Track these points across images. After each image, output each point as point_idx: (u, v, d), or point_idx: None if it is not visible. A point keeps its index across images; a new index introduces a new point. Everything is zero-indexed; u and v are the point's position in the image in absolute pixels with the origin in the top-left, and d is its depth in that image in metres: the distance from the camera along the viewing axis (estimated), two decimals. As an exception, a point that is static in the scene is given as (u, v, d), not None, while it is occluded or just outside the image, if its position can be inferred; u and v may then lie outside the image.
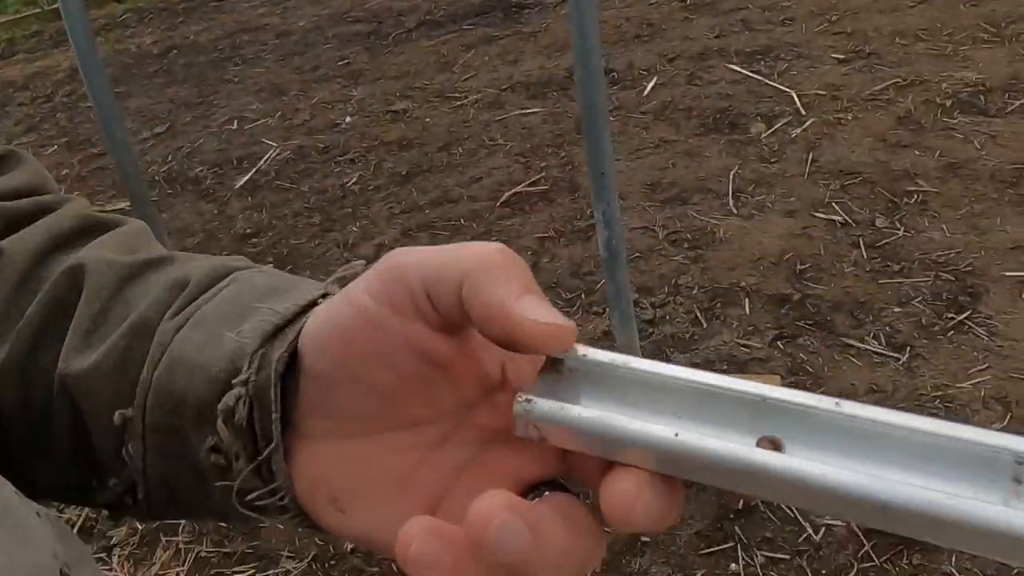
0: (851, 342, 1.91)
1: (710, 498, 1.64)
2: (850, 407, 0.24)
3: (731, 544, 1.55)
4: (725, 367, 1.93)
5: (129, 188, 2.09)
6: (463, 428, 0.29)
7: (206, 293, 0.34)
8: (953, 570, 1.39)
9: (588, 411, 0.25)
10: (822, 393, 0.26)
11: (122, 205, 3.08)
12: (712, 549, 1.55)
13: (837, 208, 2.38)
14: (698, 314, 2.14)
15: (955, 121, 2.59)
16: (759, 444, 0.24)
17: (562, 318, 0.25)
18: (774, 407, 0.24)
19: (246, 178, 3.32)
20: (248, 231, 3.00)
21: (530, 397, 0.25)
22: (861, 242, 2.22)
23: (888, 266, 2.11)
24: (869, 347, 1.88)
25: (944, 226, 2.19)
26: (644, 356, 0.29)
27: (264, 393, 0.29)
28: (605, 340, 2.16)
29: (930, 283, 2.01)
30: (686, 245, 2.44)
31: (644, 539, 1.61)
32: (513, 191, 3.04)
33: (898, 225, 2.25)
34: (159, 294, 0.34)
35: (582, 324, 2.25)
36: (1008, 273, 1.96)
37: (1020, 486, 0.22)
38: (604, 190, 1.50)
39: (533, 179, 3.09)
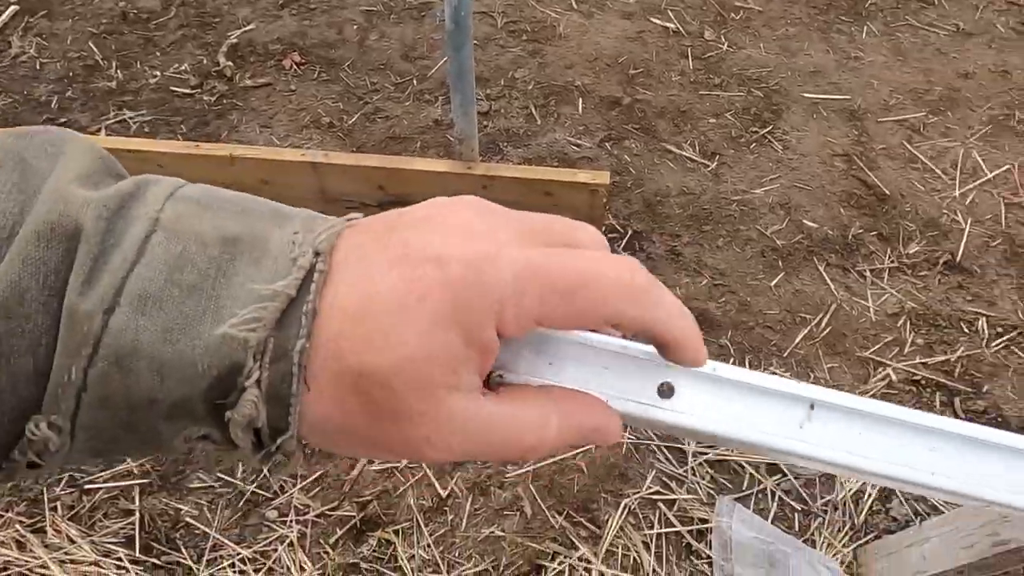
0: (670, 148, 2.02)
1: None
2: (723, 369, 0.31)
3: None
4: (556, 163, 1.95)
5: None
6: None
7: (120, 249, 0.25)
8: (727, 342, 1.65)
9: (538, 380, 0.31)
10: (642, 192, 0.33)
11: None
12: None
13: (672, 16, 2.39)
14: (533, 110, 2.11)
15: (786, -59, 2.65)
16: (659, 390, 0.31)
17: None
18: (666, 365, 0.31)
19: None
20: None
21: (501, 373, 0.30)
22: (690, 53, 2.28)
23: (710, 78, 2.21)
24: (685, 153, 2.01)
25: (761, 45, 2.31)
26: (479, 150, 0.40)
27: (282, 389, 0.26)
28: (436, 128, 2.07)
29: (743, 98, 2.15)
30: (525, 37, 2.33)
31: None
32: (335, -49, 2.62)
33: (723, 40, 2.33)
34: (31, 252, 0.24)
35: (413, 112, 2.12)
36: (806, 94, 2.15)
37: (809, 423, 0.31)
38: (457, -54, 1.32)
39: (359, -60, 2.68)
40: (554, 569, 1.32)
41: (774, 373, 1.57)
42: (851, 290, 1.73)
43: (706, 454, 1.46)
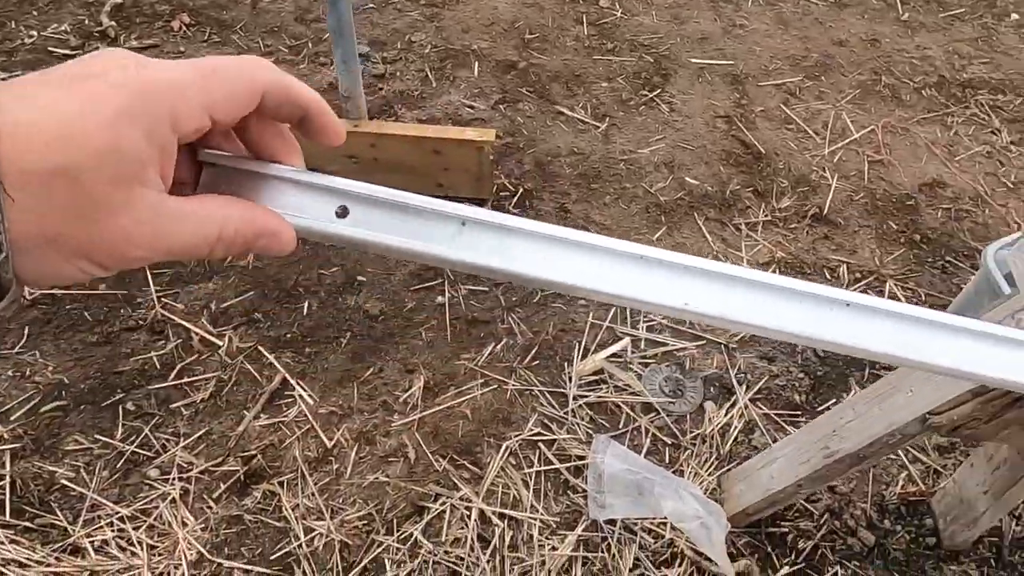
0: (563, 110, 2.07)
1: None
2: (388, 193, 0.38)
3: (440, 281, 1.71)
4: (450, 124, 1.98)
5: None
6: None
7: None
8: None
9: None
10: (533, 153, 0.35)
11: None
12: (422, 286, 1.70)
13: (569, -17, 2.43)
14: (428, 73, 2.12)
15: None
16: (336, 212, 0.37)
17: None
18: (343, 190, 0.37)
19: None
20: None
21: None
22: (585, 19, 2.34)
23: (604, 44, 2.27)
24: (577, 116, 2.07)
25: (654, 13, 2.39)
26: (372, 111, 0.43)
27: None
28: (331, 91, 2.06)
29: (634, 63, 2.22)
30: (423, 1, 2.33)
31: (360, 278, 1.70)
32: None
33: (618, 7, 2.39)
34: None
35: (307, 75, 2.10)
36: (694, 60, 2.24)
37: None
38: None
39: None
40: (436, 509, 1.37)
41: (652, 319, 1.66)
42: (727, 242, 1.83)
43: (587, 397, 1.53)
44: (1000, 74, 2.30)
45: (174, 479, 1.39)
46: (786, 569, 1.35)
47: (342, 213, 0.36)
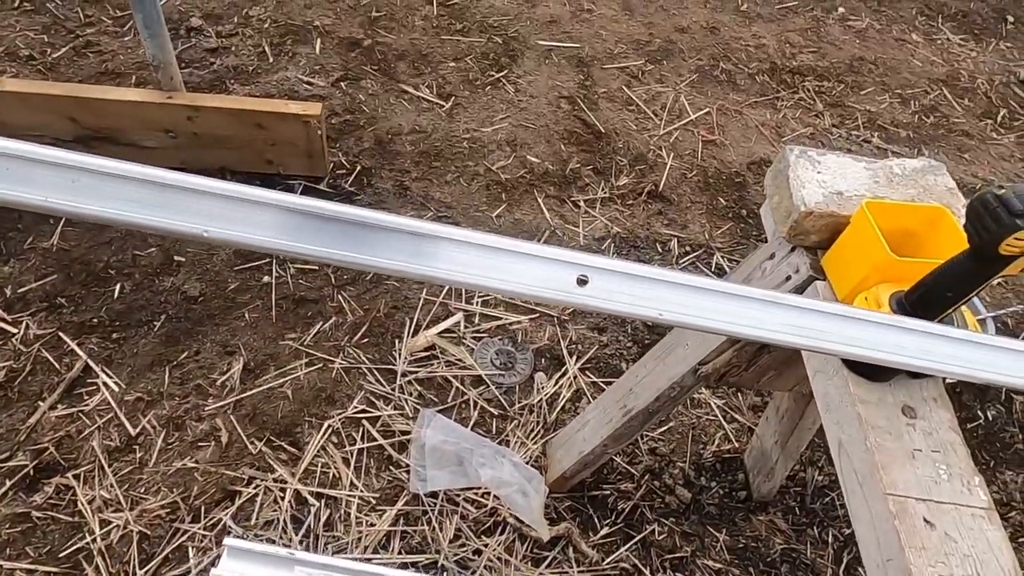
0: (407, 89, 2.05)
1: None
2: None
3: (267, 260, 1.64)
4: (284, 99, 1.91)
5: None
6: None
7: None
8: (447, 270, 1.71)
9: None
10: (374, 131, 0.37)
11: None
12: (246, 265, 1.62)
13: (420, -37, 2.41)
14: (266, 48, 2.04)
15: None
16: None
17: None
18: None
19: None
20: None
21: None
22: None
23: (453, 24, 2.26)
24: (422, 95, 2.04)
25: (506, -5, 2.40)
26: (202, 86, 0.44)
27: None
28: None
29: (483, 44, 2.23)
30: (264, -25, 2.24)
31: (179, 258, 1.61)
32: None
33: (469, -12, 2.38)
34: None
35: (132, 47, 1.97)
36: (541, 42, 2.27)
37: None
38: None
39: None
40: (248, 493, 1.31)
41: (487, 296, 1.66)
42: (565, 218, 1.87)
43: (416, 373, 1.52)
44: (826, 62, 2.47)
45: (-49, 479, 1.27)
46: (606, 530, 1.38)
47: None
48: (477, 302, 1.65)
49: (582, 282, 0.40)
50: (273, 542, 1.27)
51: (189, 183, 0.38)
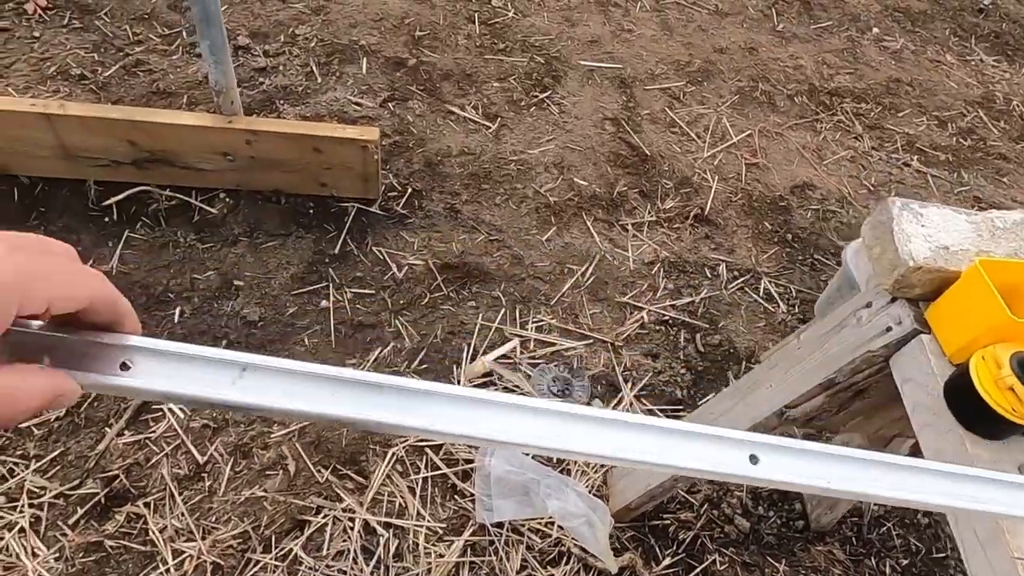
0: (454, 109, 2.05)
1: (307, 244, 1.70)
2: (169, 345, 0.41)
3: (324, 284, 1.65)
4: (334, 122, 1.91)
5: None
6: None
7: None
8: (500, 294, 1.72)
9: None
10: (423, 152, 0.33)
11: None
12: (304, 289, 1.63)
13: (461, -20, 2.41)
14: (314, 68, 2.04)
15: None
16: (120, 365, 0.40)
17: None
18: (124, 345, 0.41)
19: None
20: None
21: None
22: (477, 18, 2.32)
23: (496, 43, 2.27)
24: (468, 115, 2.05)
25: (545, 15, 2.41)
26: (252, 106, 0.50)
27: None
28: (207, 84, 1.94)
29: (526, 64, 2.23)
30: (308, -7, 2.24)
31: (237, 282, 1.61)
32: None
33: (510, 7, 2.39)
34: None
35: (181, 67, 1.97)
36: (583, 62, 2.28)
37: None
38: None
39: None
40: (317, 523, 1.32)
41: (541, 320, 1.67)
42: (614, 242, 1.88)
43: (475, 400, 1.52)
44: (863, 84, 2.48)
45: (23, 506, 1.27)
46: (668, 560, 1.39)
47: (126, 365, 0.40)
48: (531, 327, 1.66)
49: (754, 460, 0.44)
50: (344, 572, 1.28)
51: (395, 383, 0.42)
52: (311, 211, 1.75)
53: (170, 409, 1.41)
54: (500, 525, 1.37)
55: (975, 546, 0.73)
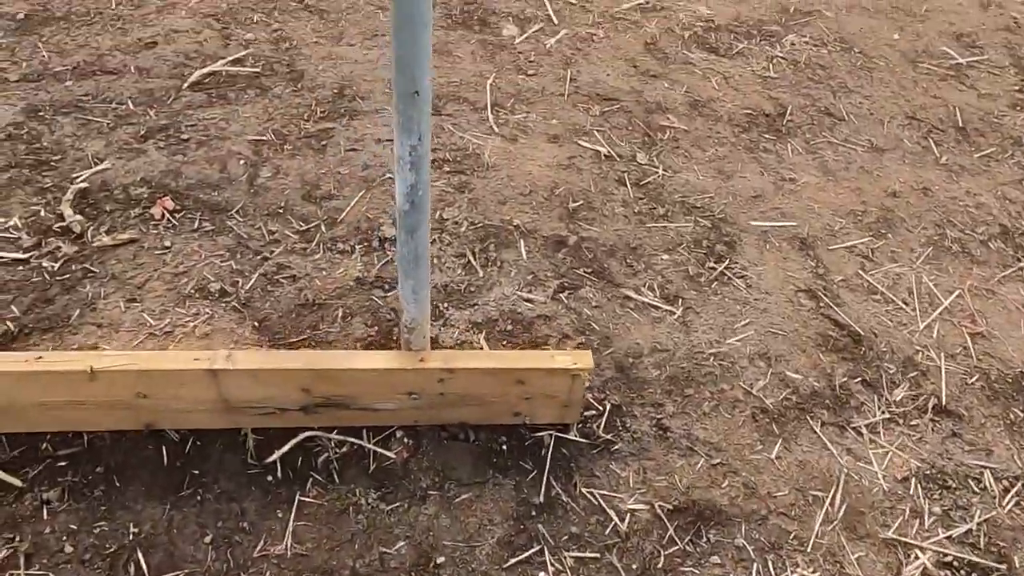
0: (630, 293, 1.80)
1: (508, 493, 1.41)
2: None
3: (537, 548, 1.35)
4: (510, 327, 1.66)
5: None
6: None
7: None
8: (744, 542, 1.40)
9: None
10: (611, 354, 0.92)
11: None
12: (516, 559, 1.33)
13: (600, 138, 2.23)
14: (471, 258, 1.82)
15: (694, 56, 2.62)
16: None
17: None
18: None
19: None
20: None
21: None
22: (627, 179, 2.11)
23: (653, 208, 2.05)
24: (646, 299, 1.80)
25: (696, 168, 2.20)
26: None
27: None
28: (359, 289, 1.72)
29: (691, 229, 2.00)
30: (447, 168, 2.05)
31: (438, 558, 1.32)
32: (207, 69, 2.24)
33: (657, 162, 2.19)
34: None
35: (325, 268, 1.76)
36: (753, 222, 2.04)
37: None
38: (417, 115, 1.03)
39: (236, 55, 2.31)
40: None
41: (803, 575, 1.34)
42: (853, 453, 1.57)
43: None
44: (1054, 219, 2.21)
45: None
46: None
47: None
48: (794, 588, 1.33)
49: None
50: None
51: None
52: (504, 447, 1.47)
53: None
54: None
55: None
